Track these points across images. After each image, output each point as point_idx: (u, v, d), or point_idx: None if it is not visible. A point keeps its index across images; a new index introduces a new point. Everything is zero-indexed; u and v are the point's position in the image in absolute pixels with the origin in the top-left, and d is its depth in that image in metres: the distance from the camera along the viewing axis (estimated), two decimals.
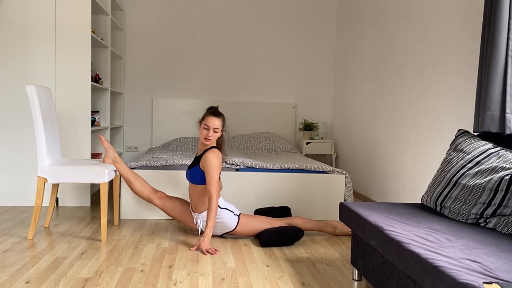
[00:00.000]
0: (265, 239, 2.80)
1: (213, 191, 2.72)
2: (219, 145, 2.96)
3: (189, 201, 3.37)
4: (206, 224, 2.72)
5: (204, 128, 2.84)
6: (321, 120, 5.57)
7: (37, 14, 3.64)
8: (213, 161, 2.76)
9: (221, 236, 3.04)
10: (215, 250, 2.67)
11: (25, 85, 3.67)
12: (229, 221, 2.87)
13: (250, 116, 5.36)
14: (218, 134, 2.86)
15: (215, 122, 2.82)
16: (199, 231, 2.94)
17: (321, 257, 2.67)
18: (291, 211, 3.53)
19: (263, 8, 5.36)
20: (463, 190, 2.00)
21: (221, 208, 2.86)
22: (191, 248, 2.71)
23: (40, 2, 3.63)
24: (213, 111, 2.86)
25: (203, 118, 2.87)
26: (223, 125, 2.88)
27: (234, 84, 5.37)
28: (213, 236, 3.04)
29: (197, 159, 2.92)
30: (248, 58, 5.37)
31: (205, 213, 2.88)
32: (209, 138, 2.82)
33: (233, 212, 2.90)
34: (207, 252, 2.65)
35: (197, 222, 2.94)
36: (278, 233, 2.82)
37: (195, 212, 2.94)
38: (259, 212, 3.28)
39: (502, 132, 2.25)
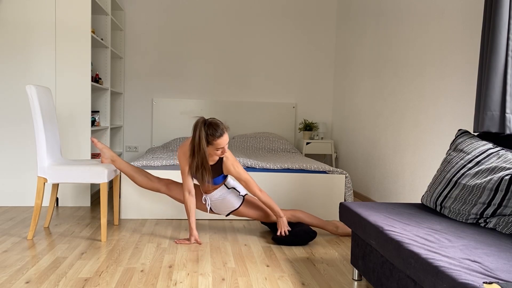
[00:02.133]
0: (278, 238, 2.87)
1: (256, 191, 2.82)
2: None
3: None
4: (274, 209, 2.84)
5: (217, 150, 2.68)
6: (321, 120, 5.57)
7: (37, 14, 3.64)
8: (240, 167, 2.83)
9: (227, 216, 3.05)
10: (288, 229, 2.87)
11: (25, 85, 3.67)
12: (234, 200, 2.95)
13: (250, 116, 5.36)
14: None
15: (226, 140, 2.67)
16: (208, 209, 3.00)
17: (321, 257, 2.67)
18: None
19: (263, 7, 5.36)
20: (463, 190, 2.00)
21: (229, 188, 2.95)
22: (282, 234, 2.86)
23: (40, 2, 3.63)
24: (218, 133, 2.63)
25: (209, 143, 2.64)
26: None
27: (234, 84, 5.37)
28: (214, 223, 3.04)
29: (215, 168, 2.85)
30: (248, 58, 5.37)
31: (213, 193, 2.92)
32: (221, 156, 2.76)
33: (239, 192, 2.98)
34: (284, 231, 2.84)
35: (205, 201, 3.00)
36: (291, 234, 2.87)
37: (205, 193, 2.98)
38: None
39: (502, 132, 2.25)
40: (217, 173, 2.86)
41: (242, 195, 2.99)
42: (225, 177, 2.94)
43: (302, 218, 3.04)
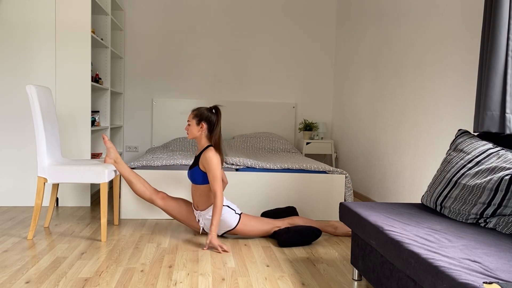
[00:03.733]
0: (284, 240, 2.82)
1: (217, 189, 2.75)
2: (216, 144, 2.94)
3: (190, 200, 3.38)
4: (212, 222, 2.73)
5: None
6: (321, 120, 5.57)
7: (37, 14, 3.64)
8: (212, 159, 2.78)
9: (222, 235, 3.04)
10: (227, 249, 2.71)
11: (25, 85, 3.67)
12: (230, 219, 2.87)
13: (250, 116, 5.36)
14: (195, 127, 2.88)
15: (189, 115, 2.94)
16: (201, 229, 2.95)
17: (321, 257, 2.67)
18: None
19: (263, 8, 5.36)
20: (463, 190, 2.00)
21: (223, 205, 2.86)
22: (204, 248, 2.73)
23: (40, 2, 3.63)
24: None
25: None
26: (198, 118, 2.88)
27: (234, 84, 5.37)
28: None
29: (197, 160, 2.94)
30: (248, 58, 5.38)
31: (207, 211, 2.89)
32: (186, 130, 2.93)
33: (235, 211, 2.90)
34: (221, 248, 2.68)
35: (199, 220, 2.95)
36: (297, 233, 2.84)
37: (197, 210, 2.95)
38: (265, 214, 3.28)
39: (502, 132, 2.25)
40: (194, 164, 2.92)
41: (238, 213, 2.91)
42: (201, 177, 2.86)
43: (299, 224, 3.02)
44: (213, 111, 2.92)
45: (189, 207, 3.02)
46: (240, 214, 2.92)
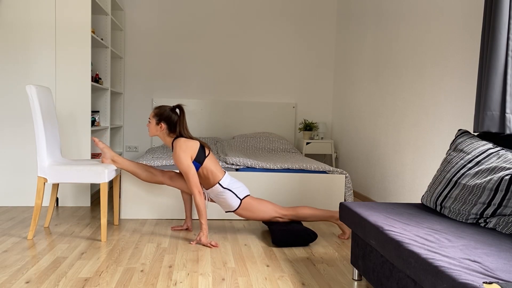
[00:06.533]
0: (278, 239, 2.81)
1: (192, 188, 2.80)
2: (181, 133, 2.93)
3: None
4: (199, 221, 2.81)
5: None
6: (321, 120, 5.57)
7: (37, 14, 3.64)
8: (177, 158, 2.81)
9: (226, 212, 3.08)
10: (216, 244, 2.79)
11: (25, 85, 3.67)
12: (231, 202, 2.92)
13: (250, 116, 5.36)
14: (154, 126, 2.91)
15: (150, 113, 3.01)
16: (207, 201, 3.05)
17: (321, 257, 2.67)
18: None
19: (263, 8, 5.36)
20: (463, 190, 2.00)
21: (224, 188, 2.91)
22: (191, 242, 2.82)
23: (40, 2, 3.63)
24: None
25: None
26: (158, 118, 2.90)
27: (234, 84, 5.37)
28: (214, 223, 3.04)
29: None
30: (248, 58, 5.38)
31: (211, 189, 2.93)
32: (148, 127, 3.01)
33: (237, 195, 2.92)
34: (210, 245, 2.78)
35: (205, 197, 3.04)
36: (292, 234, 2.83)
37: (203, 188, 3.02)
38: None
39: (502, 132, 2.25)
40: None
41: (240, 198, 2.93)
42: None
43: (306, 213, 2.98)
44: (176, 110, 2.94)
45: None
46: (242, 200, 2.93)
